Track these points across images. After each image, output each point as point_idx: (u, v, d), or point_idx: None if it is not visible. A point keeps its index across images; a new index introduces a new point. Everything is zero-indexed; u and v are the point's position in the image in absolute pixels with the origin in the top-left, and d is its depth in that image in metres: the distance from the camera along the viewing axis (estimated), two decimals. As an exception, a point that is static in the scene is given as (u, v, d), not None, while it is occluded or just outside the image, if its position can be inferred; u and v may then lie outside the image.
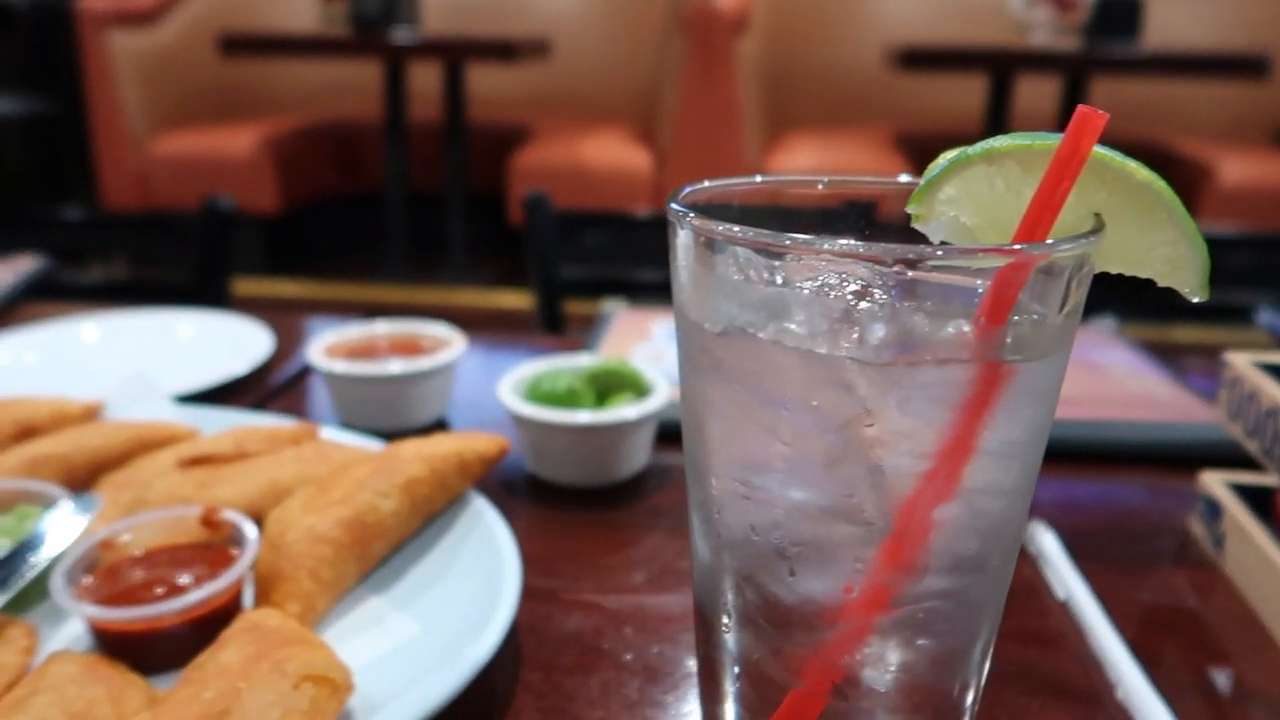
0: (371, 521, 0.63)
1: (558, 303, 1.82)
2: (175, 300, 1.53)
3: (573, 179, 3.84)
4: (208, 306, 1.44)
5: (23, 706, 0.47)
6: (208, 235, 1.76)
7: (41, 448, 0.72)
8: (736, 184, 0.43)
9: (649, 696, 0.57)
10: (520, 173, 3.90)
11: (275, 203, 4.03)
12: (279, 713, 0.46)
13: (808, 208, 0.44)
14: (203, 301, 1.65)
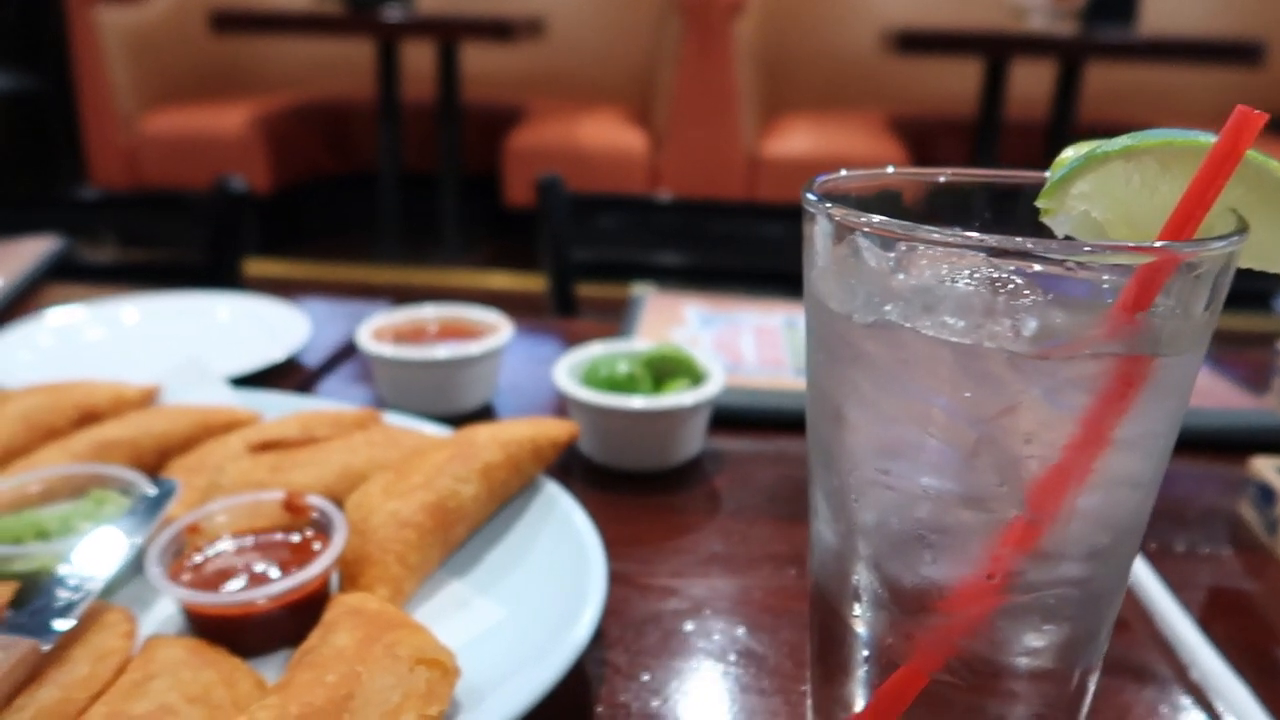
0: (452, 506, 0.63)
1: (570, 286, 1.82)
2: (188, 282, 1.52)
3: (568, 160, 3.82)
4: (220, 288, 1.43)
5: (141, 691, 0.47)
6: (219, 216, 1.75)
7: (109, 432, 0.72)
8: (866, 175, 0.44)
9: (737, 679, 0.58)
10: (515, 154, 3.88)
11: (267, 182, 3.98)
12: (399, 695, 0.47)
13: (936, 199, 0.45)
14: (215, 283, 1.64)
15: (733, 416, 0.90)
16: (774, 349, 1.07)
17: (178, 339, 1.02)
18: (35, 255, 1.29)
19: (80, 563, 0.55)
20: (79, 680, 0.48)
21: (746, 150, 3.83)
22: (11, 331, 1.00)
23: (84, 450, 0.70)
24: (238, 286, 1.66)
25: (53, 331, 1.01)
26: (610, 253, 1.86)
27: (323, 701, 0.45)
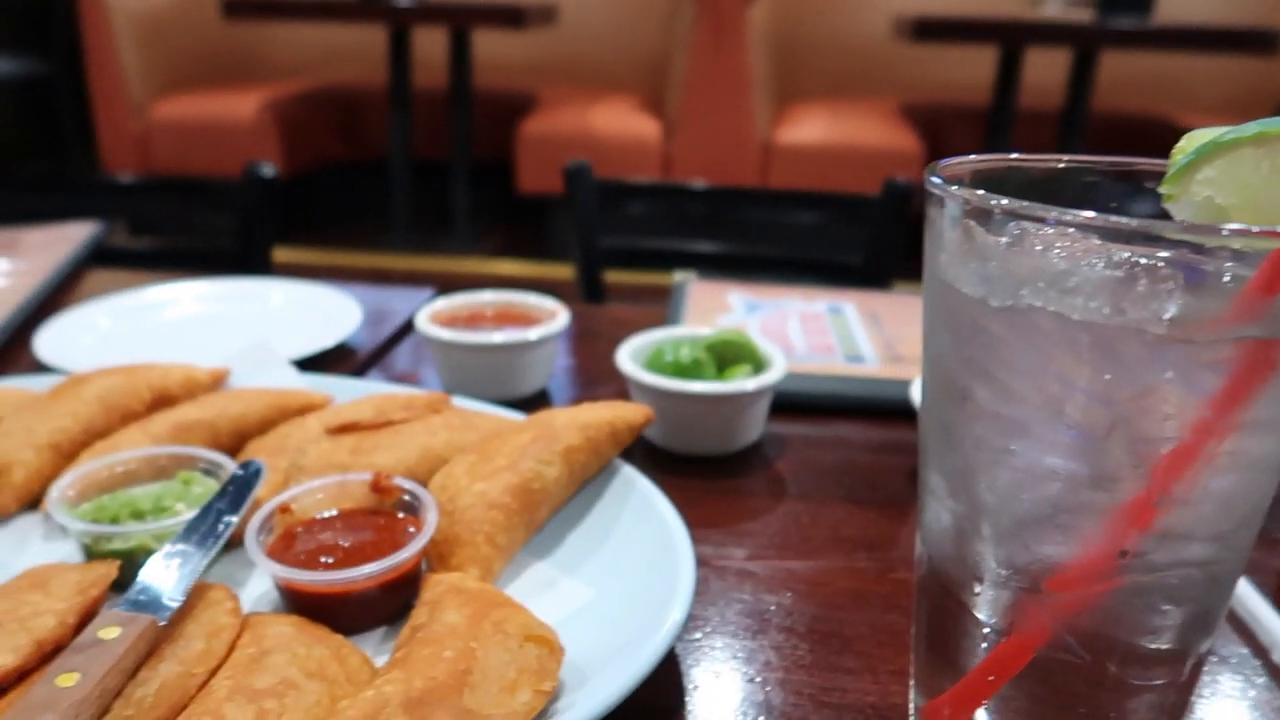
0: (536, 488, 0.64)
1: (598, 273, 1.82)
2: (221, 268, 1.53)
3: (581, 148, 3.82)
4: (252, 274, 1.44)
5: (261, 666, 0.48)
6: (250, 201, 1.75)
7: (187, 414, 0.72)
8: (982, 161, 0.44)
9: (824, 659, 0.59)
10: (528, 141, 3.87)
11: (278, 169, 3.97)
12: (514, 671, 0.48)
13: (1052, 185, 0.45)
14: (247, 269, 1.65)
15: (793, 402, 0.90)
16: (823, 336, 1.07)
17: (232, 323, 1.02)
18: (77, 240, 1.29)
19: (182, 542, 0.55)
20: (196, 655, 0.49)
21: (759, 137, 3.82)
22: (69, 315, 1.01)
23: (164, 432, 0.70)
24: (268, 273, 1.66)
25: (111, 315, 1.02)
26: (637, 240, 1.86)
27: (443, 676, 0.46)
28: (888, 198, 1.73)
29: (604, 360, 1.05)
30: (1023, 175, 0.46)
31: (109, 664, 0.45)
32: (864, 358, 1.01)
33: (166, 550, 0.54)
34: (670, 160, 3.87)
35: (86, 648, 0.46)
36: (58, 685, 0.43)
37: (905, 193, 1.72)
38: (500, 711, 0.45)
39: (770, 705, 0.55)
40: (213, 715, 0.44)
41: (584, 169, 1.80)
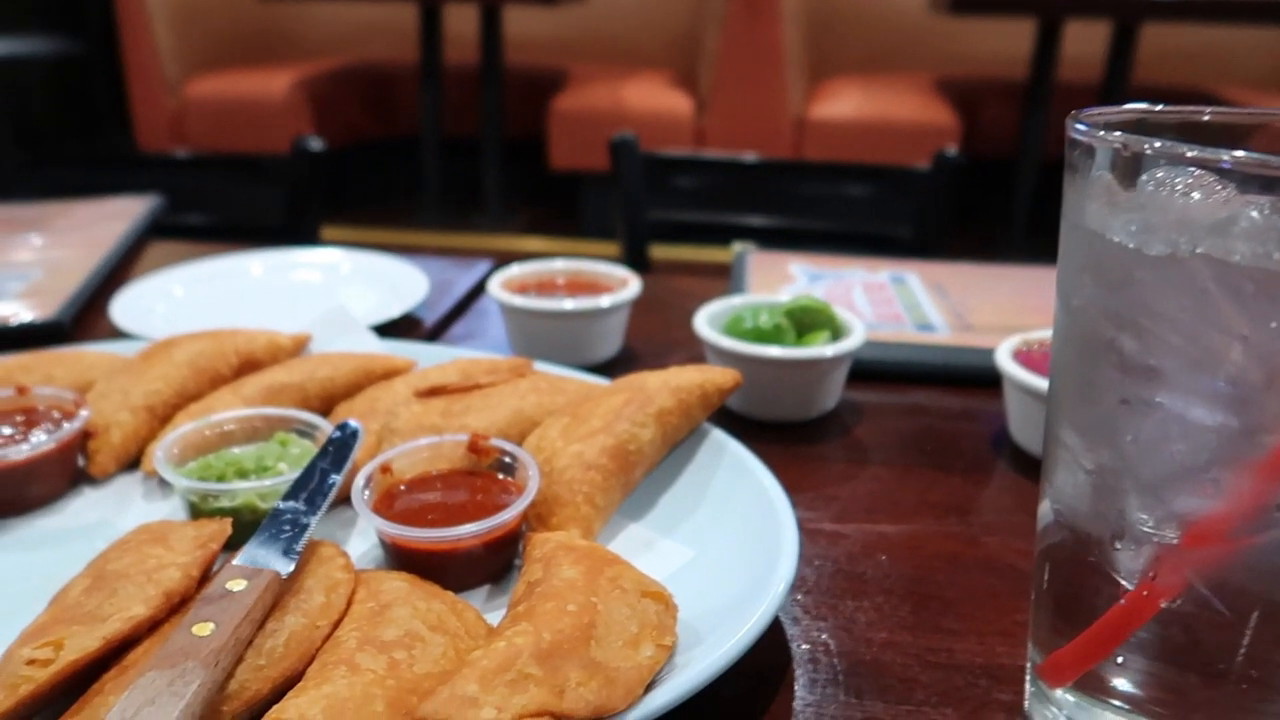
0: (632, 450, 0.64)
1: (644, 247, 1.82)
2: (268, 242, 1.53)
3: (613, 124, 3.78)
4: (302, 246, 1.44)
5: (385, 619, 0.48)
6: (298, 176, 1.76)
7: (277, 377, 0.73)
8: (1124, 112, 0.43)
9: (926, 620, 0.59)
10: (560, 117, 3.86)
11: (311, 146, 3.98)
12: (636, 626, 0.48)
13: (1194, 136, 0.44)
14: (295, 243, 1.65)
15: (869, 369, 0.90)
16: (889, 305, 1.06)
17: (301, 292, 1.03)
18: (135, 213, 1.30)
19: (292, 499, 0.56)
20: (317, 608, 0.49)
21: (793, 113, 3.79)
22: (143, 284, 1.02)
23: (255, 395, 0.71)
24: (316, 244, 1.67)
25: (184, 283, 1.03)
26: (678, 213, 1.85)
27: (569, 629, 0.46)
28: (938, 170, 1.71)
29: (671, 328, 1.05)
30: (1157, 126, 0.45)
31: (241, 614, 0.45)
32: (934, 327, 1.00)
33: (278, 507, 0.55)
34: (702, 136, 3.85)
35: (217, 599, 0.46)
36: (195, 634, 0.44)
37: (956, 165, 1.70)
38: (626, 665, 0.46)
39: (880, 665, 0.55)
40: (347, 665, 0.44)
41: (630, 142, 1.79)
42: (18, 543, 0.61)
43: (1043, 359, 0.79)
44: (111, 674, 0.45)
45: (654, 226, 1.78)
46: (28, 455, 0.62)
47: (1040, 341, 0.81)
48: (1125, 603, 0.43)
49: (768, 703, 0.52)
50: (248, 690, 0.45)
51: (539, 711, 0.42)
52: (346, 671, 0.43)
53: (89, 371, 0.74)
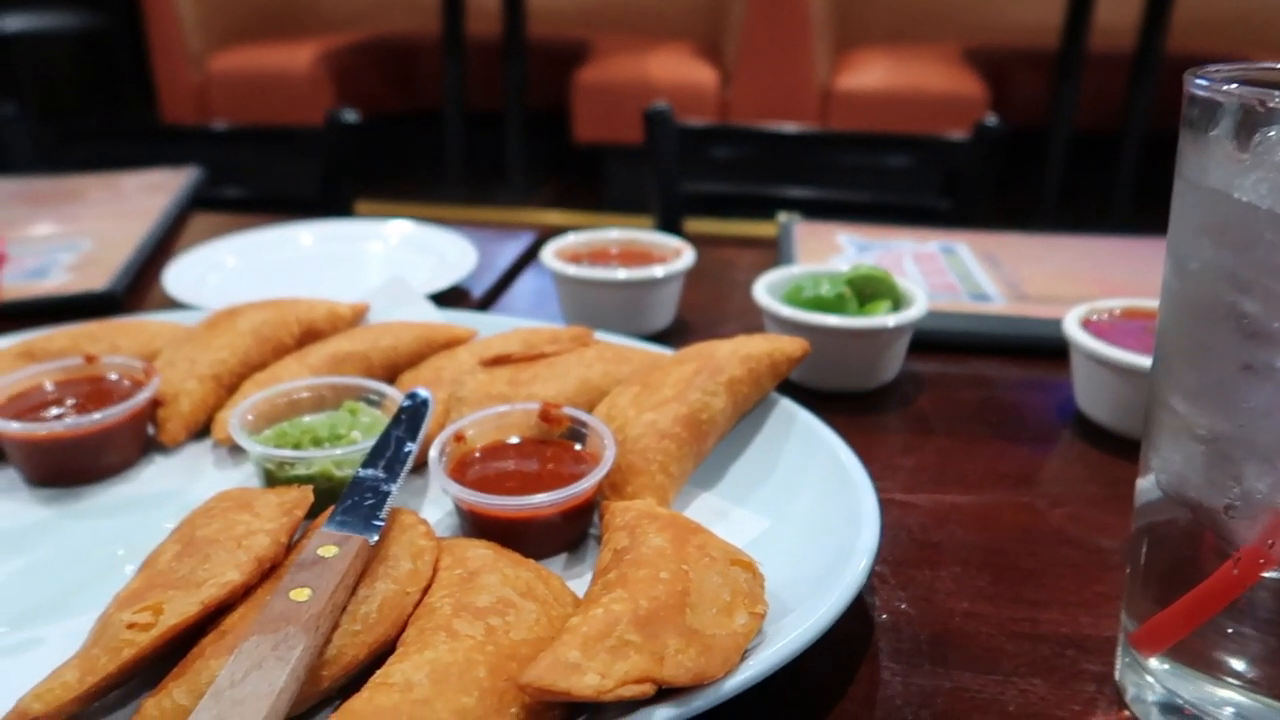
0: (705, 419, 0.64)
1: (679, 221, 1.80)
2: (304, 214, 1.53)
3: (637, 96, 3.75)
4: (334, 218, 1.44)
5: (476, 586, 0.48)
6: (332, 149, 1.75)
7: (342, 346, 0.72)
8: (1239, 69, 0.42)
9: (1006, 591, 0.58)
10: (584, 89, 3.83)
11: (334, 120, 3.97)
12: (728, 594, 0.48)
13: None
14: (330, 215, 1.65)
15: (932, 340, 0.89)
16: (942, 275, 1.05)
17: (351, 263, 1.03)
18: (178, 185, 1.30)
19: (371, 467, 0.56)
20: (406, 574, 0.49)
21: (819, 84, 3.74)
22: (195, 254, 1.02)
23: (320, 364, 0.71)
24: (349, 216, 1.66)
25: (235, 254, 1.03)
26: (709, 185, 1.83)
27: (664, 596, 0.45)
28: (979, 140, 1.69)
29: (721, 299, 1.04)
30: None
31: (335, 580, 0.45)
32: (989, 296, 0.99)
33: (359, 475, 0.55)
34: (727, 107, 3.81)
35: (310, 565, 0.46)
36: (293, 599, 0.44)
37: (998, 135, 1.68)
38: (722, 633, 0.45)
39: (963, 634, 0.54)
40: (446, 631, 0.44)
41: (664, 113, 1.76)
42: (96, 509, 0.61)
43: (1111, 328, 0.77)
44: (210, 638, 0.45)
45: (686, 199, 1.76)
46: (102, 423, 0.62)
47: (1110, 310, 0.79)
48: (1237, 571, 0.42)
49: (853, 671, 0.52)
50: (345, 655, 0.45)
51: (641, 678, 0.41)
52: (446, 637, 0.43)
53: (153, 340, 0.74)
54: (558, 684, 0.40)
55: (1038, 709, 0.49)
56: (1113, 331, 0.77)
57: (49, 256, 1.02)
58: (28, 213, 1.19)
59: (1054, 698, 0.50)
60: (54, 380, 0.67)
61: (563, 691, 0.40)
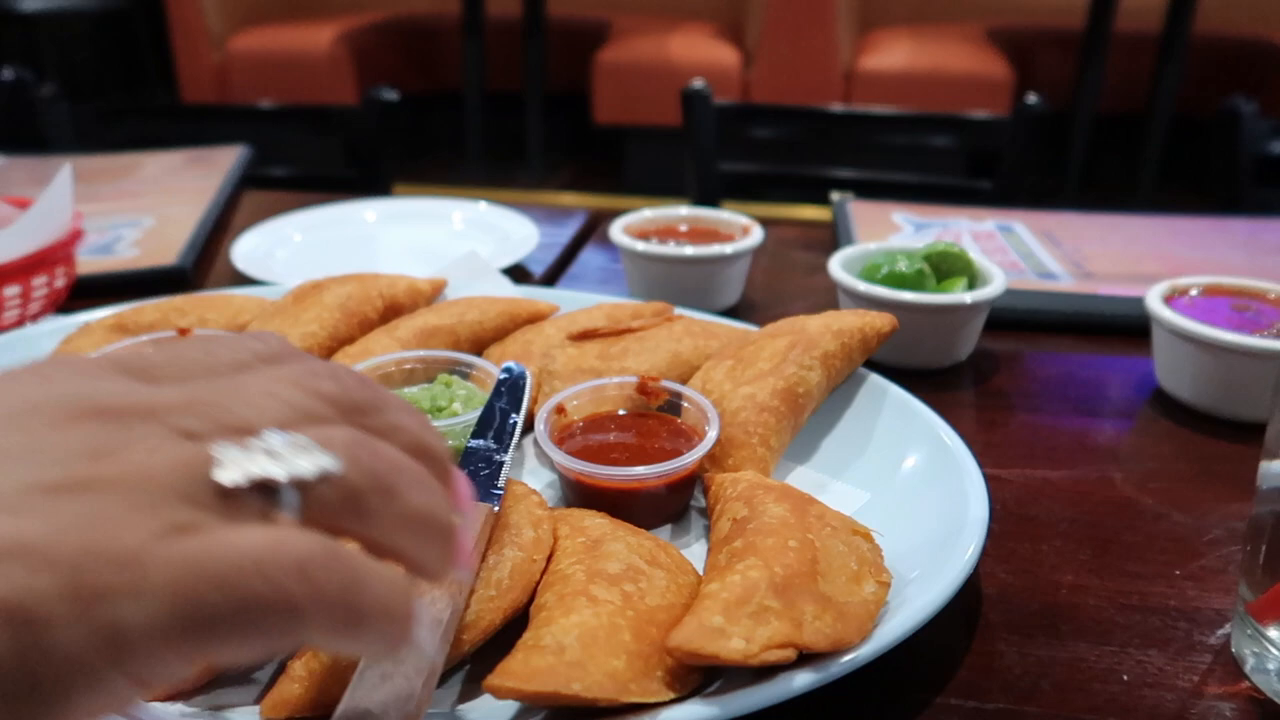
0: (801, 392, 0.64)
1: (716, 202, 1.79)
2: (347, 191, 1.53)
3: (659, 77, 3.75)
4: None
5: (604, 553, 0.48)
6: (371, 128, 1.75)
7: (429, 320, 0.73)
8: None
9: (1109, 564, 0.58)
10: (605, 70, 3.81)
11: (353, 101, 3.96)
12: (855, 562, 0.48)
13: None
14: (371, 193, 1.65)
15: (1006, 317, 0.88)
16: (1004, 254, 1.05)
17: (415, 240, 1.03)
18: (227, 163, 1.30)
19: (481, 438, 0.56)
20: (530, 542, 0.49)
21: (842, 65, 3.72)
22: (261, 230, 1.02)
23: (409, 337, 0.71)
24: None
25: (301, 230, 1.03)
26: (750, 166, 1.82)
27: (797, 563, 0.46)
28: (1021, 119, 1.68)
29: (783, 278, 1.04)
30: None
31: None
32: (1055, 275, 0.99)
33: (471, 446, 0.55)
34: (749, 89, 3.79)
35: (443, 532, 0.46)
36: (433, 565, 0.44)
37: (1040, 115, 1.67)
38: (853, 600, 0.46)
39: (1073, 607, 0.55)
40: (586, 596, 0.44)
41: (703, 94, 1.76)
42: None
43: (1193, 305, 0.77)
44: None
45: (723, 178, 1.75)
46: (204, 394, 0.62)
47: (1192, 287, 0.79)
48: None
49: (969, 641, 0.52)
50: (483, 620, 0.45)
51: (784, 643, 0.42)
52: (587, 603, 0.44)
53: (239, 314, 0.74)
54: (705, 648, 0.41)
55: (1156, 679, 0.49)
56: (1195, 308, 0.76)
57: (113, 233, 1.03)
58: (83, 189, 1.19)
59: (1171, 669, 0.50)
60: (151, 352, 0.67)
61: (710, 655, 0.41)
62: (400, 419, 0.29)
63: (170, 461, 0.24)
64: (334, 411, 0.28)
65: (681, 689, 0.42)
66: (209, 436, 0.25)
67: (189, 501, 0.24)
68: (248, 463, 0.25)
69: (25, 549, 0.22)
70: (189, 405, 0.26)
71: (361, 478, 0.26)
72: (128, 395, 0.26)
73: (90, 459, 0.24)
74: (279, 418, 0.27)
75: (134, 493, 0.23)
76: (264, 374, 0.28)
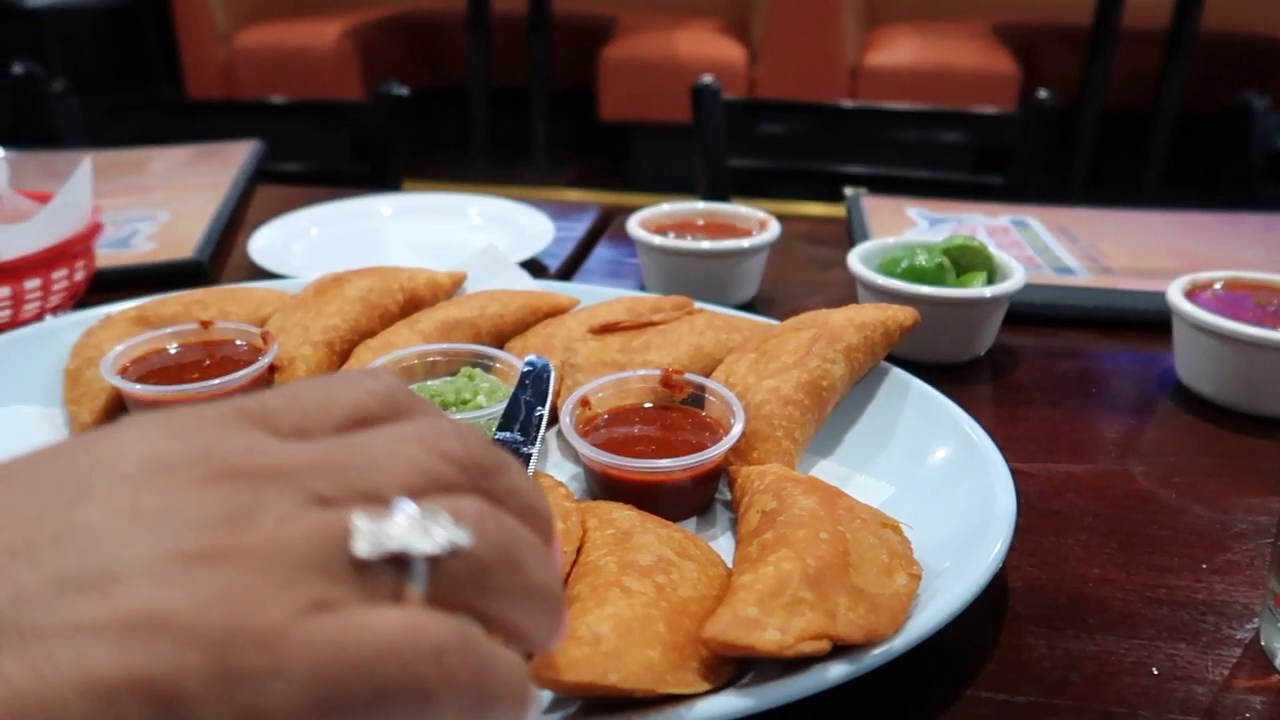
0: (825, 385, 0.64)
1: (726, 198, 1.79)
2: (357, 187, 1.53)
3: (665, 73, 3.75)
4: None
5: (635, 545, 0.48)
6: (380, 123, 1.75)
7: (450, 313, 0.73)
8: None
9: (1136, 558, 0.58)
10: (611, 67, 3.81)
11: (359, 97, 3.96)
12: (885, 555, 0.48)
13: None
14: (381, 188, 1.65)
15: (1024, 312, 0.88)
16: (1019, 249, 1.05)
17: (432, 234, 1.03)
18: (246, 157, 1.30)
19: (507, 431, 0.56)
20: (559, 533, 0.49)
21: (848, 61, 3.71)
22: (278, 224, 1.02)
23: (431, 330, 0.71)
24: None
25: (318, 224, 1.03)
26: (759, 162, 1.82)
27: (828, 555, 0.46)
28: (1031, 115, 1.68)
29: (798, 272, 1.04)
30: None
31: (501, 538, 0.45)
32: (1072, 270, 0.99)
33: (498, 438, 0.55)
34: (755, 85, 3.79)
35: (474, 523, 0.46)
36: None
37: (1051, 110, 1.67)
38: (885, 593, 0.46)
39: (1101, 600, 0.55)
40: (619, 587, 0.44)
41: (713, 89, 1.75)
42: (225, 472, 0.61)
43: (1215, 300, 0.77)
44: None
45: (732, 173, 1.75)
46: (228, 387, 0.62)
47: (1213, 282, 0.79)
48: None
49: (997, 634, 0.52)
50: (516, 612, 0.45)
51: (818, 634, 0.42)
52: (620, 594, 0.44)
53: (260, 307, 0.74)
54: (741, 639, 0.41)
55: (1186, 673, 0.49)
56: (1217, 303, 0.76)
57: (129, 227, 1.03)
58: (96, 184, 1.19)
59: (1201, 662, 0.50)
60: (175, 345, 0.67)
61: (746, 646, 0.41)
62: (516, 480, 0.29)
63: (307, 531, 0.24)
64: (460, 474, 0.27)
65: (716, 680, 0.42)
66: (342, 502, 0.25)
67: (325, 575, 0.23)
68: (382, 536, 0.24)
69: (171, 622, 0.21)
70: (319, 466, 0.26)
71: (489, 552, 0.26)
72: (259, 454, 0.25)
73: (228, 526, 0.23)
74: (408, 482, 0.26)
75: (273, 564, 0.23)
76: (389, 432, 0.28)
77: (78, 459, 0.25)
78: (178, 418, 0.26)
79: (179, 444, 0.25)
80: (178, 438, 0.25)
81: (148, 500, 0.23)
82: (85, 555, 0.22)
